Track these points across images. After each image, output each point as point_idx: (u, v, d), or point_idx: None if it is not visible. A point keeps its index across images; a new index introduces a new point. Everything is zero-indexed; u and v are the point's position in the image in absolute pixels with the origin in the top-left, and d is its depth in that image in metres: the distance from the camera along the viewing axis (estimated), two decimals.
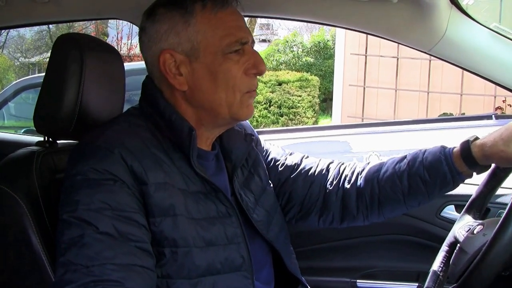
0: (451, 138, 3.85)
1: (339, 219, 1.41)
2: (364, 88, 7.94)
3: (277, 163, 1.44)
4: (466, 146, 1.25)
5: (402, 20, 1.45)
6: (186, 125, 1.15)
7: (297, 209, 1.43)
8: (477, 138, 1.26)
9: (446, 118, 5.33)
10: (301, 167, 1.43)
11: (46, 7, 1.69)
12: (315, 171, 1.42)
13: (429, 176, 1.29)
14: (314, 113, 9.35)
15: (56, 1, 1.67)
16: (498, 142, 1.21)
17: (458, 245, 1.26)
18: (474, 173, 1.28)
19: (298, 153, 1.47)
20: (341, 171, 1.42)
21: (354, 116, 7.97)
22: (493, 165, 1.30)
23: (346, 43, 8.14)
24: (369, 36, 7.52)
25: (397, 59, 7.53)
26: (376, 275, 1.86)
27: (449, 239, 1.35)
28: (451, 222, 1.72)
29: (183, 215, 1.09)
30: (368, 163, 1.41)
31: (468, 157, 1.25)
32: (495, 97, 6.92)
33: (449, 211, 1.76)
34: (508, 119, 4.76)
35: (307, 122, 8.95)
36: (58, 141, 1.38)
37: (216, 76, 1.15)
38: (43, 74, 1.35)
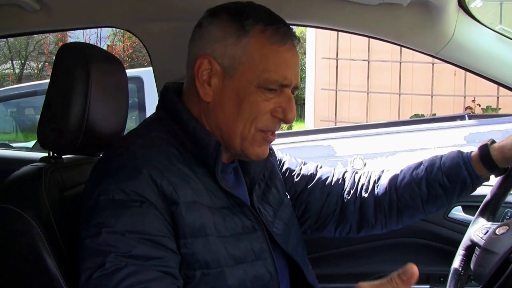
0: (435, 138, 3.89)
1: (356, 229, 1.39)
2: (336, 92, 8.01)
3: (292, 174, 1.40)
4: (485, 149, 1.26)
5: (410, 24, 1.45)
6: (212, 139, 1.09)
7: (314, 220, 1.40)
8: (493, 142, 1.27)
9: (423, 119, 5.42)
10: (317, 177, 1.40)
11: (36, 16, 1.62)
12: (331, 180, 1.40)
13: (448, 182, 1.28)
14: None
15: (47, 10, 1.61)
16: None
17: (480, 247, 1.26)
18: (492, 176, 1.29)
19: (312, 163, 1.44)
20: (356, 180, 1.40)
21: (327, 119, 8.03)
22: None
23: (317, 48, 8.21)
24: (339, 40, 7.67)
25: (368, 62, 7.62)
26: None
27: (465, 243, 1.35)
28: (459, 223, 1.73)
29: (214, 235, 1.05)
30: (383, 171, 1.40)
31: (488, 160, 1.25)
32: (464, 97, 7.08)
33: (457, 212, 1.77)
34: (481, 119, 4.88)
35: (282, 127, 8.94)
36: (63, 156, 1.31)
37: (242, 103, 1.09)
38: (14, 86, 1.29)
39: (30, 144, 5.09)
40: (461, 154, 1.29)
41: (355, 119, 7.60)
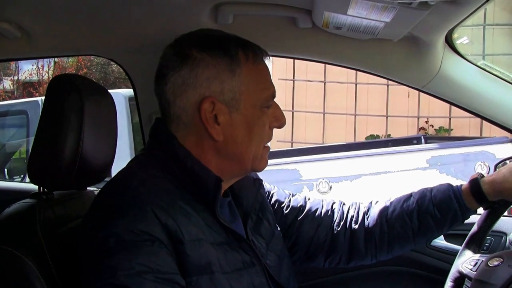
0: (398, 161, 3.98)
1: (346, 259, 1.40)
2: (292, 113, 8.09)
3: (281, 206, 1.40)
4: (476, 183, 1.30)
5: (399, 59, 1.49)
6: (212, 175, 1.08)
7: (304, 251, 1.40)
8: (483, 176, 1.32)
9: (384, 140, 5.55)
10: (307, 208, 1.40)
11: (17, 43, 1.56)
12: (321, 212, 1.40)
13: (439, 214, 1.32)
14: None
15: (28, 38, 1.56)
16: (508, 177, 1.27)
17: (471, 279, 1.28)
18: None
19: (300, 194, 1.45)
20: (345, 211, 1.41)
21: (284, 140, 8.08)
22: None
23: (274, 68, 8.26)
24: (296, 61, 7.77)
25: (324, 83, 7.75)
26: None
27: (453, 274, 1.37)
28: (442, 251, 1.77)
29: (219, 271, 1.04)
30: (371, 203, 1.42)
31: (478, 194, 1.30)
32: (418, 118, 7.29)
33: (439, 240, 1.81)
34: (437, 141, 5.03)
35: None
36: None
37: (252, 129, 1.11)
38: None
39: None
40: (451, 187, 1.33)
41: (311, 140, 7.70)
